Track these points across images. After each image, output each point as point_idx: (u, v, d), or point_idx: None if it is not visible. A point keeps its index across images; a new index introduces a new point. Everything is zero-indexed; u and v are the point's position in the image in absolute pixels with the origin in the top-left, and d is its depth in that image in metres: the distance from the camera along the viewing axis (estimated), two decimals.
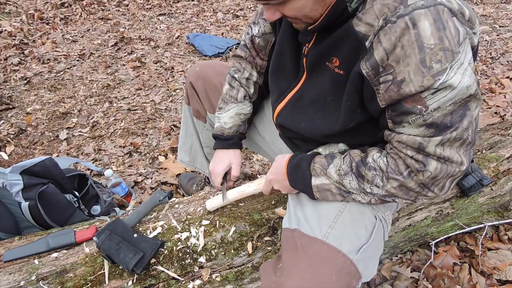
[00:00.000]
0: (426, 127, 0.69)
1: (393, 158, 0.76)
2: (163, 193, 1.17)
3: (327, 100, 0.84)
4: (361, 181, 0.80)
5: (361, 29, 0.69)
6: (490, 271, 1.29)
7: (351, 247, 0.81)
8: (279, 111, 0.98)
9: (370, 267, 0.85)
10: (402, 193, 0.77)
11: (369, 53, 0.68)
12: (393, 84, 0.67)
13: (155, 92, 2.71)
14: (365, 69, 0.70)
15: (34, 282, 0.98)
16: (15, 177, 1.24)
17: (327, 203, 0.87)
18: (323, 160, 0.86)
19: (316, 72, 0.85)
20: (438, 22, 0.62)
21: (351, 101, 0.78)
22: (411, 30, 0.62)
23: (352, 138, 0.89)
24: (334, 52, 0.77)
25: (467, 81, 0.65)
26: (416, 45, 0.63)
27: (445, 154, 0.70)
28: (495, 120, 2.12)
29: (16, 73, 2.94)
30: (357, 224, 0.85)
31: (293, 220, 0.89)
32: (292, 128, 0.96)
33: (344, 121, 0.81)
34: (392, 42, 0.64)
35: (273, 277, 0.81)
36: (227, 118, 1.17)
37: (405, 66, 0.65)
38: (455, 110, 0.67)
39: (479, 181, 1.18)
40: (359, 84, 0.73)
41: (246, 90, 1.17)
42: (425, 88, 0.64)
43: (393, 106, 0.71)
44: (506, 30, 3.44)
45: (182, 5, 4.55)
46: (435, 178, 0.73)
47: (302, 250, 0.81)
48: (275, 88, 1.00)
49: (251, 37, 1.10)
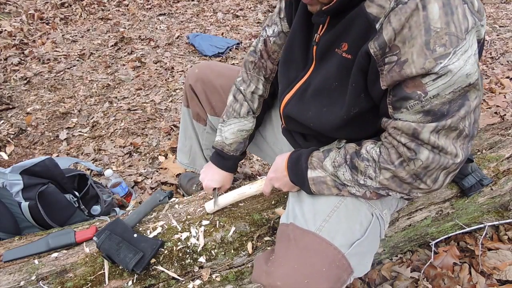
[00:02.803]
0: (423, 114, 0.69)
1: (386, 147, 0.76)
2: (163, 193, 1.17)
3: (332, 86, 0.84)
4: (354, 173, 0.80)
5: (372, 10, 0.69)
6: (490, 271, 1.29)
7: (344, 241, 0.81)
8: (286, 101, 0.97)
9: (363, 263, 0.86)
10: (395, 185, 0.77)
11: (379, 33, 0.68)
12: (396, 65, 0.67)
13: (155, 92, 2.71)
14: (373, 49, 0.69)
15: (34, 282, 0.98)
16: (15, 177, 1.24)
17: (325, 199, 0.88)
18: (320, 153, 0.88)
19: (324, 60, 0.85)
20: (447, 7, 0.62)
21: (356, 83, 0.78)
22: (420, 12, 0.62)
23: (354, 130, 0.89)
24: (344, 37, 0.77)
25: (469, 69, 0.64)
26: (423, 27, 0.63)
27: (439, 143, 0.69)
28: (495, 120, 2.12)
29: (16, 73, 2.94)
30: (352, 219, 0.86)
31: (290, 215, 0.90)
32: (299, 119, 0.95)
33: (349, 105, 0.81)
34: (401, 22, 0.64)
35: (264, 267, 0.83)
36: (229, 133, 1.16)
37: (410, 47, 0.65)
38: (454, 100, 0.67)
39: (479, 181, 1.18)
40: (366, 64, 0.73)
41: (249, 105, 1.14)
42: (426, 70, 0.64)
43: (394, 91, 0.71)
44: (506, 30, 3.44)
45: (182, 5, 4.55)
46: (427, 168, 0.72)
47: (294, 241, 0.82)
48: (284, 78, 1.00)
49: (264, 39, 1.08)
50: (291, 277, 0.77)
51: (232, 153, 1.18)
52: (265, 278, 0.80)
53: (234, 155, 1.19)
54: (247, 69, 1.14)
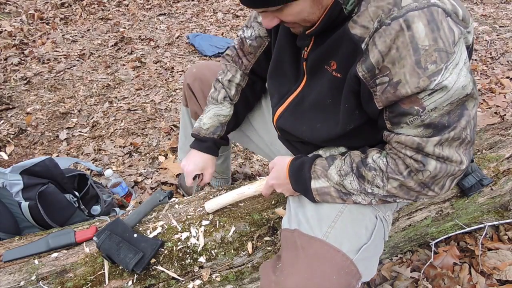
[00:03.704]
0: (424, 128, 0.69)
1: (393, 158, 0.76)
2: (163, 193, 1.17)
3: (326, 103, 0.84)
4: (361, 182, 0.80)
5: (356, 31, 0.69)
6: (490, 271, 1.29)
7: (351, 246, 0.81)
8: (279, 114, 0.98)
9: (370, 267, 0.85)
10: (403, 193, 0.78)
11: (365, 55, 0.68)
12: (390, 86, 0.67)
13: (155, 92, 2.71)
14: (361, 72, 0.70)
15: (34, 282, 0.98)
16: (15, 177, 1.24)
17: (328, 204, 0.87)
18: (324, 162, 0.87)
19: (315, 76, 0.85)
20: (432, 24, 0.62)
21: (348, 103, 0.79)
22: (405, 32, 0.63)
23: (352, 141, 0.90)
24: (332, 56, 0.78)
25: (463, 81, 0.65)
26: (411, 46, 0.63)
27: (444, 153, 0.70)
28: (495, 120, 2.13)
29: (16, 73, 2.94)
30: (358, 224, 0.85)
31: (293, 221, 0.89)
32: (293, 132, 0.96)
33: (344, 124, 0.82)
34: (387, 45, 0.64)
35: (272, 277, 0.81)
36: (206, 118, 1.18)
37: (400, 68, 0.65)
38: (453, 110, 0.67)
39: (479, 181, 1.18)
40: (356, 86, 0.74)
41: (227, 91, 1.16)
42: (421, 89, 0.65)
43: (390, 108, 0.71)
44: (506, 30, 3.44)
45: (182, 5, 4.55)
46: (435, 178, 0.73)
47: (302, 249, 0.81)
48: (275, 91, 1.01)
49: (241, 39, 1.11)
50: (301, 286, 0.76)
51: (209, 136, 1.19)
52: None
53: (211, 137, 1.19)
54: (226, 61, 1.18)
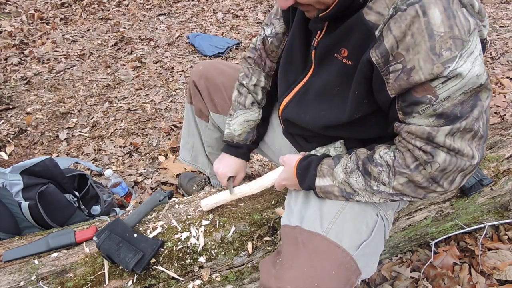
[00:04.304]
0: (436, 117, 0.68)
1: (401, 151, 0.75)
2: (163, 193, 1.17)
3: (334, 91, 0.84)
4: (367, 179, 0.80)
5: (371, 18, 0.69)
6: (490, 271, 1.29)
7: (351, 243, 0.81)
8: (285, 104, 0.98)
9: (370, 264, 0.86)
10: (410, 190, 0.76)
11: (379, 41, 0.68)
12: (403, 73, 0.67)
13: (155, 92, 2.71)
14: (374, 57, 0.69)
15: (34, 282, 0.98)
16: (15, 177, 1.24)
17: (330, 202, 0.88)
18: (330, 161, 0.87)
19: (323, 65, 0.85)
20: (448, 11, 0.62)
21: (359, 91, 0.77)
22: (421, 18, 0.62)
23: (356, 131, 0.89)
24: (343, 43, 0.77)
25: (478, 70, 0.64)
26: (426, 32, 0.62)
27: (455, 145, 0.68)
28: (495, 120, 2.12)
29: (16, 73, 2.94)
30: (359, 220, 0.85)
31: (295, 217, 0.90)
32: (297, 121, 0.96)
33: (351, 111, 0.81)
34: (402, 30, 0.64)
35: (272, 270, 0.82)
36: (236, 125, 1.18)
37: (415, 54, 0.64)
38: (466, 100, 0.66)
39: (479, 181, 1.18)
40: (368, 72, 0.73)
41: (253, 96, 1.16)
42: (435, 76, 0.64)
43: (403, 96, 0.70)
44: (506, 30, 3.43)
45: (182, 5, 4.55)
46: (444, 171, 0.71)
47: (302, 244, 0.82)
48: (283, 81, 1.01)
49: (262, 38, 1.10)
50: (301, 280, 0.76)
51: (242, 142, 1.20)
52: (274, 282, 0.79)
53: (245, 143, 1.21)
54: (248, 64, 1.17)
